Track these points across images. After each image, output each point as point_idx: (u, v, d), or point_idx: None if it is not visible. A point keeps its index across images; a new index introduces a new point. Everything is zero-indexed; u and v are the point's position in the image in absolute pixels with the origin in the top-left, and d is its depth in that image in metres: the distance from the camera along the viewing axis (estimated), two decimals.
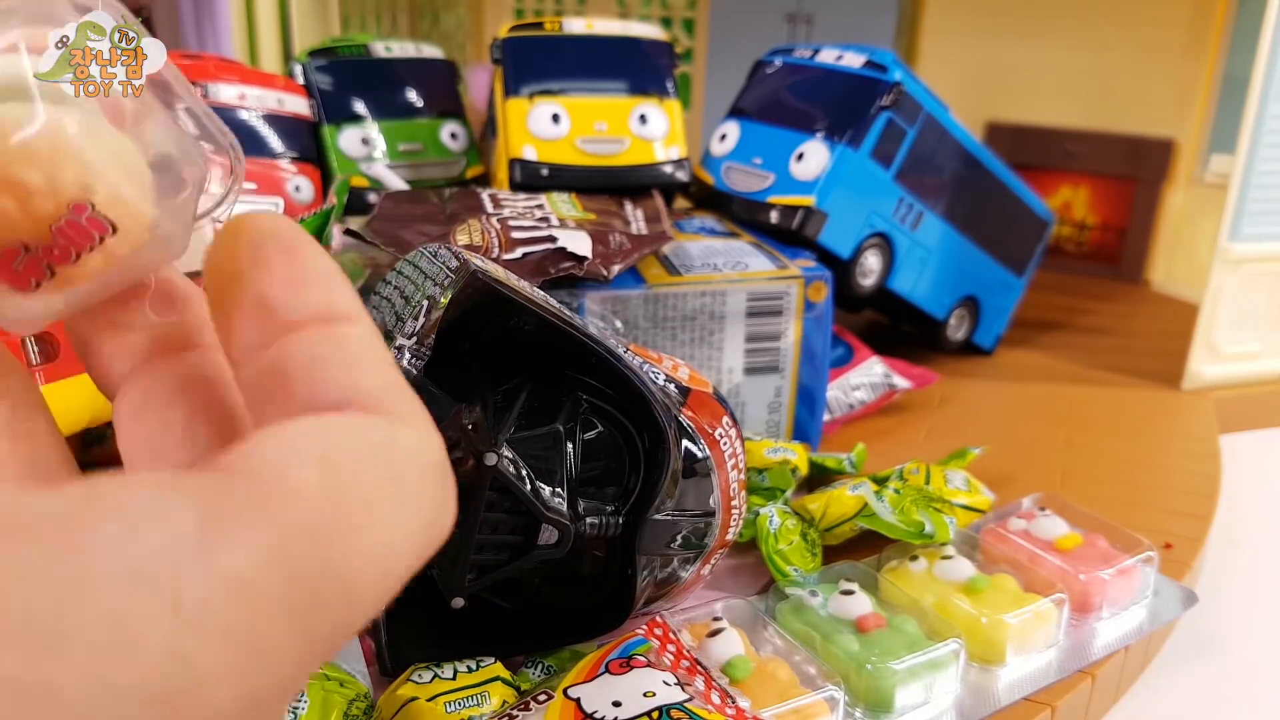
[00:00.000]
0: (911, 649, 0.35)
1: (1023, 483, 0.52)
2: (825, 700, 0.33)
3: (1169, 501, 0.53)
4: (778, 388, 0.53)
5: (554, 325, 0.32)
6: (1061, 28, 0.97)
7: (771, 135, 0.62)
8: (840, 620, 0.37)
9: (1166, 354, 0.73)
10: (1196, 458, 0.59)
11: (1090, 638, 0.39)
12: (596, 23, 0.63)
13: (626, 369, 0.33)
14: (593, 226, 0.51)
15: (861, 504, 0.43)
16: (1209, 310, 0.68)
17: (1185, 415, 0.66)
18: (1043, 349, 0.77)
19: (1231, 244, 0.66)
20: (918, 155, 0.63)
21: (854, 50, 0.63)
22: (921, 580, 0.40)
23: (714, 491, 0.36)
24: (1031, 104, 0.99)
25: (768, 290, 0.51)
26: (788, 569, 0.41)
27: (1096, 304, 0.90)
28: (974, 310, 0.73)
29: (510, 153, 0.59)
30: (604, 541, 0.34)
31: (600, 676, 0.31)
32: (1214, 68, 0.89)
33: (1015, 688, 0.36)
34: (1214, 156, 0.90)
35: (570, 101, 0.60)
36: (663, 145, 0.60)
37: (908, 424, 0.62)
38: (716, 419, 0.36)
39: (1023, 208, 0.74)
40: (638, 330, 0.49)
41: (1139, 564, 0.42)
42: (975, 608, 0.38)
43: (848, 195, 0.59)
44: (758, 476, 0.47)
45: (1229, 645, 0.45)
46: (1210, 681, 0.43)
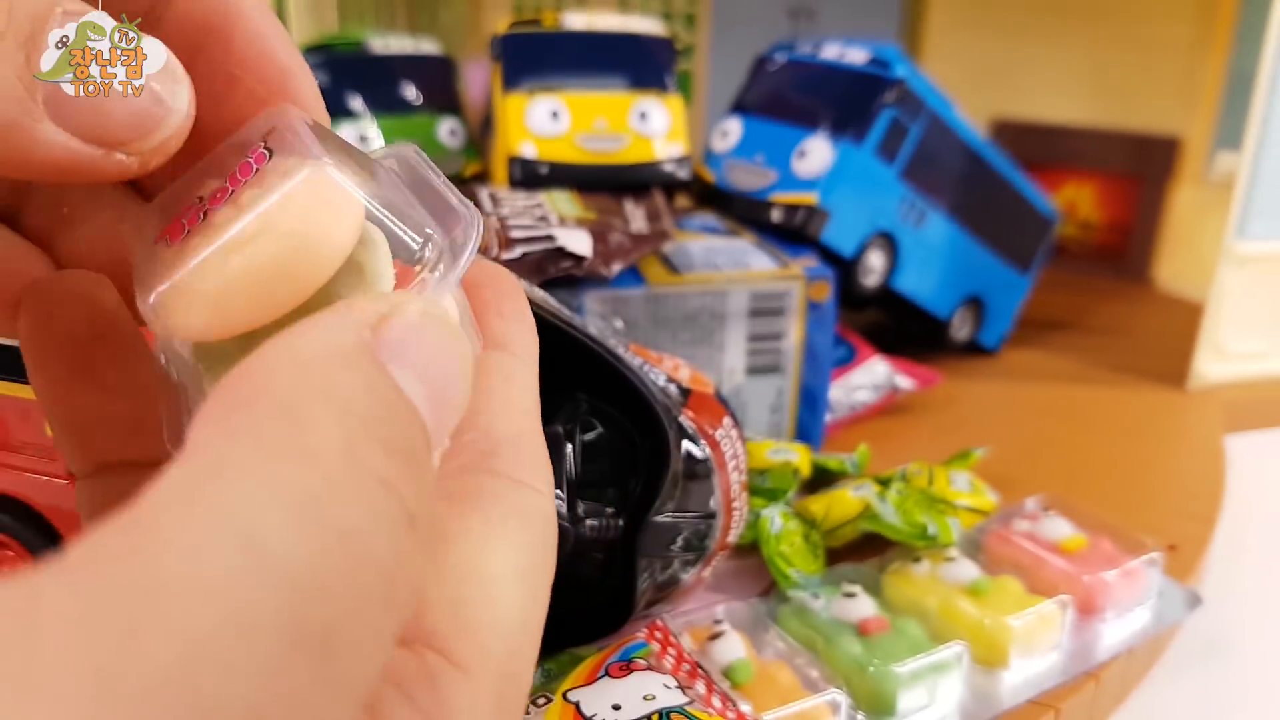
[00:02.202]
0: (914, 652, 0.35)
1: (1027, 484, 0.52)
2: (827, 704, 0.32)
3: (1174, 503, 0.52)
4: (779, 388, 0.53)
5: (554, 325, 0.32)
6: (1067, 24, 0.96)
7: (774, 132, 0.62)
8: (843, 623, 0.37)
9: (1172, 354, 0.72)
10: (1202, 458, 0.58)
11: (1095, 640, 0.39)
12: (596, 18, 0.63)
13: (627, 369, 0.33)
14: (593, 225, 0.51)
15: (864, 506, 0.43)
16: (1215, 309, 0.67)
17: (1190, 415, 0.65)
18: (1047, 349, 0.77)
19: (1238, 242, 0.66)
20: (922, 152, 0.62)
21: (857, 46, 0.63)
22: (925, 583, 0.40)
23: (715, 493, 0.36)
24: (1036, 100, 0.98)
25: (770, 290, 0.51)
26: (790, 571, 0.40)
27: (1101, 303, 0.89)
28: (978, 310, 0.72)
29: (509, 150, 0.58)
30: (604, 544, 0.34)
31: (600, 680, 0.31)
32: (1220, 64, 0.89)
33: (1019, 690, 0.36)
34: (1220, 154, 0.90)
35: (570, 97, 0.59)
36: (663, 142, 0.60)
37: (911, 425, 0.61)
38: (718, 420, 0.36)
39: (1028, 206, 0.73)
40: (638, 330, 0.49)
41: (1143, 566, 0.41)
42: (979, 610, 0.38)
43: (851, 193, 0.59)
44: (759, 478, 0.46)
45: (1234, 648, 0.45)
46: (1215, 684, 0.43)
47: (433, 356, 0.11)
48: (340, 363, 0.10)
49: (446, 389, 0.11)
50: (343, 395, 0.10)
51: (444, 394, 0.11)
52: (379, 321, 0.11)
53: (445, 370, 0.11)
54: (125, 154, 0.13)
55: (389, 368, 0.11)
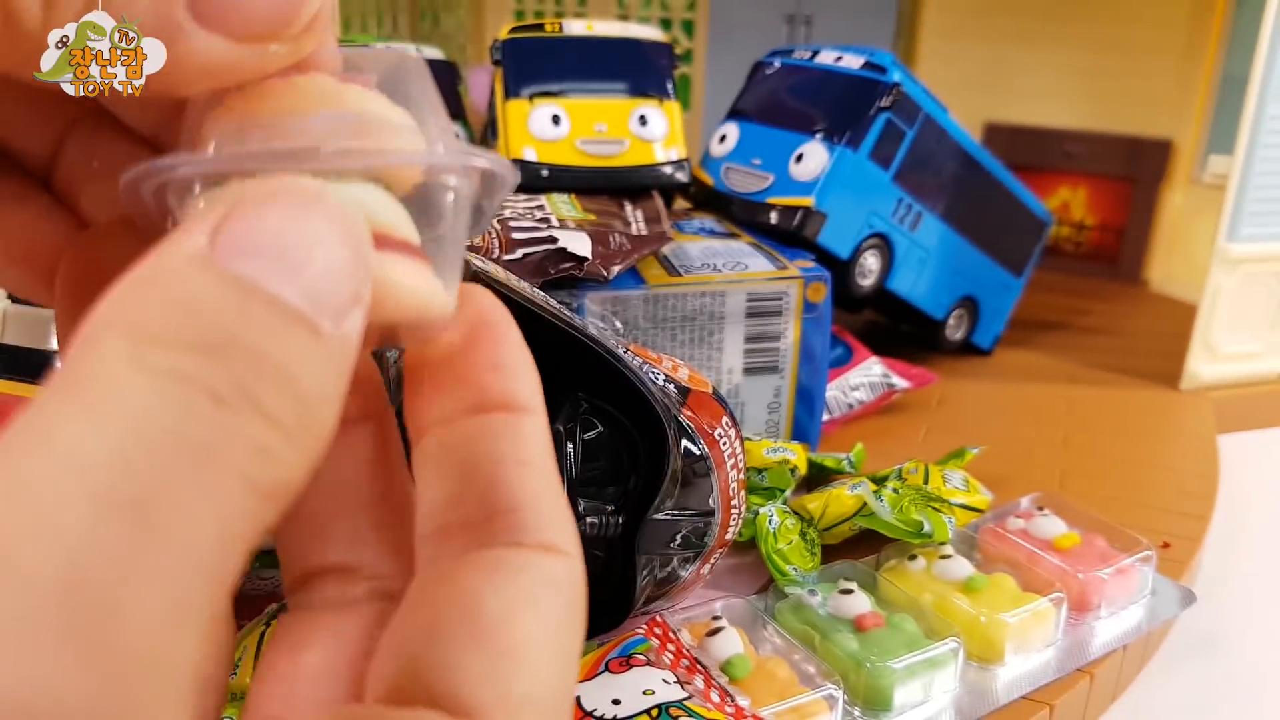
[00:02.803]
0: (910, 648, 0.35)
1: (1021, 482, 0.52)
2: (824, 699, 0.33)
3: (1167, 501, 0.53)
4: (777, 388, 0.53)
5: (554, 326, 0.32)
6: (1060, 28, 0.97)
7: (771, 136, 0.62)
8: (839, 619, 0.37)
9: (1164, 354, 0.73)
10: (1194, 457, 0.59)
11: (1088, 637, 0.39)
12: (596, 24, 0.63)
13: (626, 369, 0.33)
14: (592, 227, 0.51)
15: (860, 503, 0.43)
16: (1207, 310, 0.68)
17: (1183, 415, 0.66)
18: (1041, 349, 0.78)
19: (1229, 244, 0.66)
20: (916, 156, 0.63)
21: (853, 51, 0.63)
22: (920, 579, 0.40)
23: (713, 491, 0.36)
24: (1030, 105, 0.99)
25: (767, 291, 0.51)
26: (787, 568, 0.41)
27: (1094, 304, 0.90)
28: (972, 310, 0.73)
29: (510, 154, 0.59)
30: (604, 541, 0.34)
31: (600, 675, 0.31)
32: (1212, 68, 0.90)
33: (1013, 686, 0.36)
34: (1212, 157, 0.90)
35: (570, 103, 0.60)
36: (662, 146, 0.60)
37: (906, 424, 0.62)
38: (716, 419, 0.36)
39: (1021, 208, 0.74)
40: (637, 330, 0.49)
41: (1137, 563, 0.42)
42: (974, 607, 0.38)
43: (847, 196, 0.59)
44: (757, 476, 0.47)
45: (1227, 644, 0.45)
46: (1208, 680, 0.43)
47: (275, 234, 0.12)
48: (152, 281, 0.11)
49: (300, 255, 0.12)
50: (131, 311, 0.11)
51: (297, 259, 0.12)
52: (217, 226, 0.12)
53: (291, 240, 0.12)
54: (278, 44, 0.13)
55: (230, 265, 0.11)
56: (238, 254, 0.11)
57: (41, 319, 0.30)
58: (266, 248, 0.11)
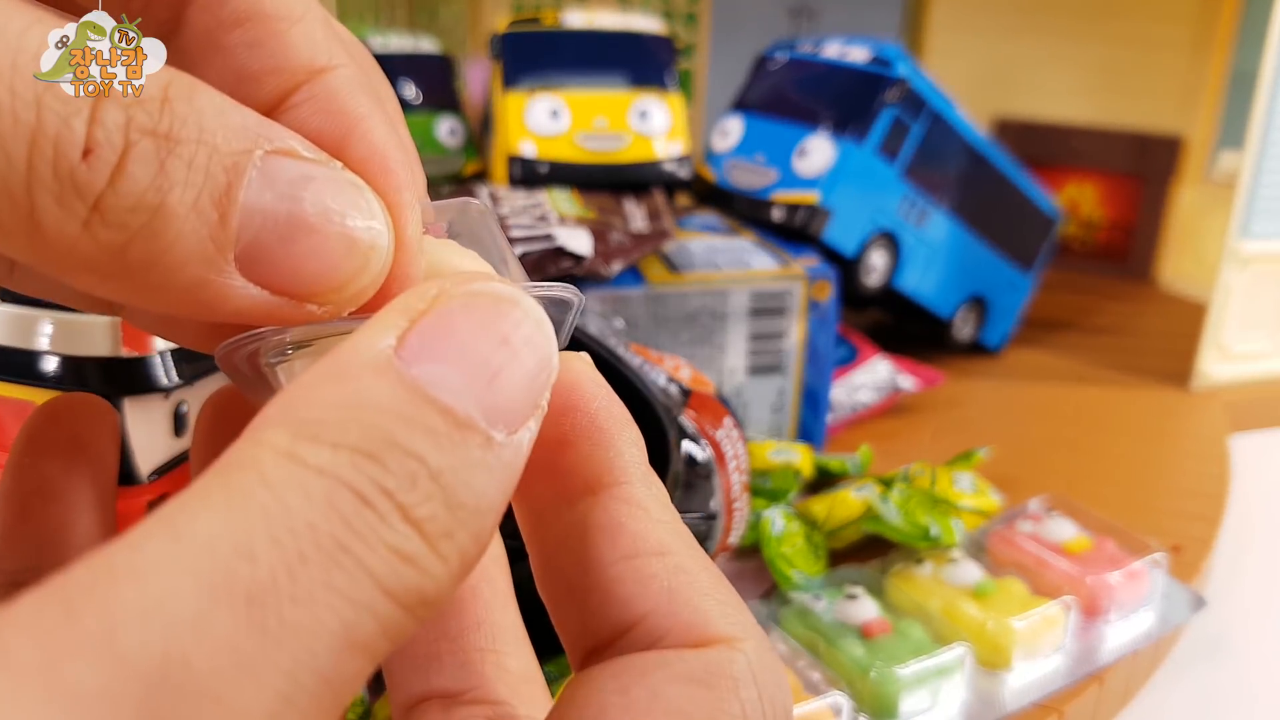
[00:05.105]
0: (917, 654, 0.34)
1: (1030, 484, 0.51)
2: (830, 706, 0.32)
3: (1178, 503, 0.52)
4: (781, 388, 0.53)
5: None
6: (1069, 23, 0.96)
7: (775, 131, 0.62)
8: (845, 625, 0.36)
9: (1175, 354, 0.72)
10: (1205, 459, 0.58)
11: (1098, 642, 0.39)
12: (596, 17, 0.62)
13: (627, 369, 0.33)
14: (593, 224, 0.51)
15: (866, 507, 0.43)
16: (1218, 309, 0.67)
17: (1194, 416, 0.65)
18: (1049, 348, 0.77)
19: (1241, 242, 0.66)
20: (924, 151, 0.62)
21: (859, 44, 0.62)
22: (927, 584, 0.39)
23: (716, 494, 0.35)
24: (1039, 100, 0.98)
25: (771, 289, 0.50)
26: (791, 573, 0.40)
27: (1104, 303, 0.89)
28: (981, 309, 0.72)
29: (508, 149, 0.58)
30: None
31: None
32: (1222, 63, 0.89)
33: (1023, 693, 0.36)
34: (1223, 153, 0.89)
35: (570, 96, 0.59)
36: (664, 141, 0.60)
37: (913, 425, 0.61)
38: (718, 420, 0.36)
39: (1030, 205, 0.73)
40: (638, 329, 0.48)
41: (1147, 567, 0.41)
42: (982, 612, 0.37)
43: (852, 192, 0.59)
44: (761, 479, 0.46)
45: (1238, 649, 0.45)
46: (1219, 686, 0.42)
47: (465, 341, 0.11)
48: (328, 378, 0.11)
49: (487, 364, 0.11)
50: (300, 409, 0.11)
51: (483, 369, 0.11)
52: (408, 326, 0.11)
53: (480, 349, 0.12)
54: (316, 305, 0.13)
55: (412, 369, 0.11)
56: (423, 359, 0.11)
57: (28, 318, 0.29)
58: (455, 355, 0.11)
